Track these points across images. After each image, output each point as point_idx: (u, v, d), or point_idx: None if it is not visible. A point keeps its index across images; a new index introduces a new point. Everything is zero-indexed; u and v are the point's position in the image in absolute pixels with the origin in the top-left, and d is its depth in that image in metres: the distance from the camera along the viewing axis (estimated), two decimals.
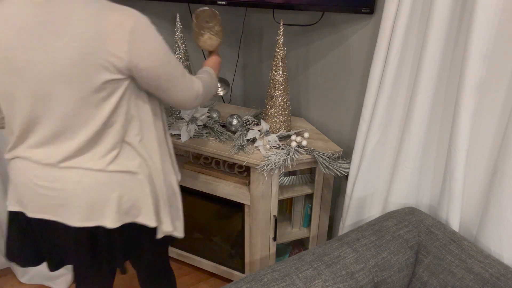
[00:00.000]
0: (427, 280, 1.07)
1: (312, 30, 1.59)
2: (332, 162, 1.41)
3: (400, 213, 1.19)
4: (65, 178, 0.93)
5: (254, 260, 1.62)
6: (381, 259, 1.06)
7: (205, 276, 1.87)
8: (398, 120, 1.23)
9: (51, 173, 0.93)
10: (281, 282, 0.94)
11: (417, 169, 1.22)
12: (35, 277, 1.80)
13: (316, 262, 1.01)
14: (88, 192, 0.93)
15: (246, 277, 0.97)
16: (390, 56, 1.13)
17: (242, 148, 1.45)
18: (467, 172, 1.09)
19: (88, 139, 0.91)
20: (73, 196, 0.93)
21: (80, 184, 0.93)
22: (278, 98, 1.50)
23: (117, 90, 0.89)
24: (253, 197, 1.48)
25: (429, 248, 1.09)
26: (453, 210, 1.12)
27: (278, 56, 1.44)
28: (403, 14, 1.07)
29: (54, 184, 0.93)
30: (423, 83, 1.09)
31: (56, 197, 0.94)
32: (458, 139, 1.05)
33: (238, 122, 1.56)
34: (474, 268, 1.00)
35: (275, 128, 1.55)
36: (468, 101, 1.00)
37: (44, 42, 0.82)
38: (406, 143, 1.18)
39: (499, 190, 1.00)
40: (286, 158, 1.39)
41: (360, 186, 1.34)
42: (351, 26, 1.46)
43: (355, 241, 1.09)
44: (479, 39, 0.94)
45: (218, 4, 1.53)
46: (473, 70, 0.97)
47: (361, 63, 1.46)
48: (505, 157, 0.98)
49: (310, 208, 1.62)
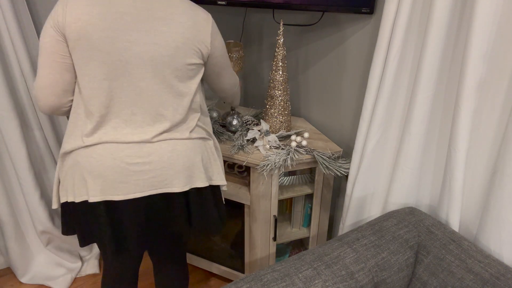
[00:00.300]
0: (427, 280, 1.07)
1: (312, 30, 1.59)
2: (332, 162, 1.41)
3: (400, 213, 1.19)
4: (161, 150, 1.02)
5: (254, 260, 1.62)
6: (381, 259, 1.06)
7: (205, 276, 1.87)
8: (398, 120, 1.23)
9: (144, 149, 1.01)
10: (281, 282, 0.94)
11: (417, 169, 1.22)
12: (35, 277, 1.80)
13: (316, 262, 1.01)
14: (182, 158, 1.04)
15: (246, 277, 0.97)
16: (390, 56, 1.13)
17: (242, 148, 1.45)
18: (467, 172, 1.09)
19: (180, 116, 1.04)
20: (170, 165, 1.03)
21: (174, 152, 1.04)
22: (278, 98, 1.50)
23: (198, 73, 1.06)
24: (253, 197, 1.48)
25: (429, 248, 1.09)
26: (453, 210, 1.12)
27: (278, 56, 1.44)
28: (403, 14, 1.07)
29: (150, 158, 1.01)
30: (423, 83, 1.09)
31: (152, 170, 1.01)
32: (458, 139, 1.05)
33: (238, 122, 1.56)
34: (474, 268, 1.00)
35: (275, 128, 1.55)
36: (468, 101, 1.00)
37: (151, 26, 0.95)
38: (406, 143, 1.18)
39: (499, 190, 1.00)
40: (286, 158, 1.39)
41: (360, 186, 1.34)
42: (351, 26, 1.46)
43: (355, 241, 1.09)
44: (479, 39, 0.94)
45: (218, 4, 1.53)
46: (473, 70, 0.97)
47: (361, 63, 1.46)
48: (505, 157, 0.98)
49: (310, 208, 1.62)
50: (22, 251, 1.78)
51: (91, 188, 0.99)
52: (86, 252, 1.92)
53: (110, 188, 0.99)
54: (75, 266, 1.86)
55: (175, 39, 0.97)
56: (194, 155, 1.07)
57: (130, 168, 0.99)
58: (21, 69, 1.53)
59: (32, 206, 1.70)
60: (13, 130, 1.55)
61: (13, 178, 1.67)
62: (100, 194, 0.99)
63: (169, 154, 1.03)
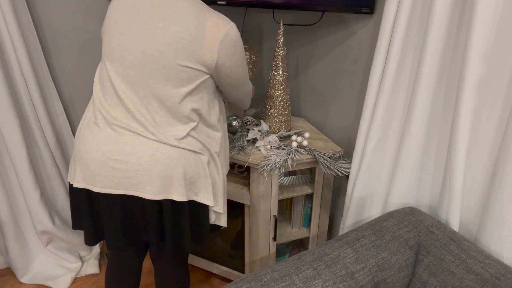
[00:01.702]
0: (427, 280, 1.07)
1: (312, 30, 1.59)
2: (333, 162, 1.41)
3: (400, 213, 1.19)
4: (141, 152, 1.01)
5: (254, 260, 1.62)
6: (381, 259, 1.06)
7: (205, 276, 1.87)
8: (398, 120, 1.23)
9: (126, 147, 1.01)
10: (281, 282, 0.94)
11: (417, 169, 1.22)
12: (35, 277, 1.80)
13: (316, 262, 1.01)
14: (160, 165, 1.01)
15: (246, 277, 0.97)
16: (390, 56, 1.12)
17: (243, 149, 1.45)
18: (467, 172, 1.09)
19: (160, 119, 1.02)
20: (145, 170, 1.01)
21: (153, 157, 1.01)
22: (278, 98, 1.50)
23: (195, 80, 1.02)
24: (253, 197, 1.48)
25: (429, 248, 1.09)
26: (453, 210, 1.12)
27: (278, 56, 1.44)
28: (403, 14, 1.07)
29: (128, 158, 1.01)
30: (423, 83, 1.09)
31: (127, 170, 1.01)
32: (458, 139, 1.05)
33: (238, 123, 1.56)
34: (474, 268, 1.00)
35: (275, 128, 1.55)
36: (468, 101, 1.00)
37: (148, 19, 0.97)
38: (406, 143, 1.18)
39: (499, 190, 1.00)
40: (287, 158, 1.39)
41: (360, 186, 1.34)
42: (351, 26, 1.46)
43: (355, 241, 1.09)
44: (479, 39, 0.94)
45: (218, 4, 1.53)
46: (473, 70, 0.97)
47: (361, 63, 1.46)
48: (505, 157, 0.98)
49: (310, 208, 1.62)
50: (22, 251, 1.78)
51: (77, 173, 1.05)
52: (86, 252, 1.92)
53: (90, 178, 1.03)
54: (75, 266, 1.86)
55: (167, 36, 0.96)
56: (175, 165, 1.02)
57: (109, 164, 1.01)
58: (21, 69, 1.53)
59: (32, 206, 1.70)
60: (13, 130, 1.55)
61: (13, 178, 1.67)
62: (83, 181, 1.05)
63: (148, 158, 1.01)
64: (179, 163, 1.03)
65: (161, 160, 1.01)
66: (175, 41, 0.96)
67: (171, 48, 0.97)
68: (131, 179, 1.01)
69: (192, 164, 1.05)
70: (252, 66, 1.54)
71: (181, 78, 1.00)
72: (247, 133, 1.51)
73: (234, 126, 1.56)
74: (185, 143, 1.04)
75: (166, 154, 1.01)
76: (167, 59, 0.97)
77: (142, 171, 1.00)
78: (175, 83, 1.00)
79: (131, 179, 1.01)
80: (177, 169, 1.02)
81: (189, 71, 1.00)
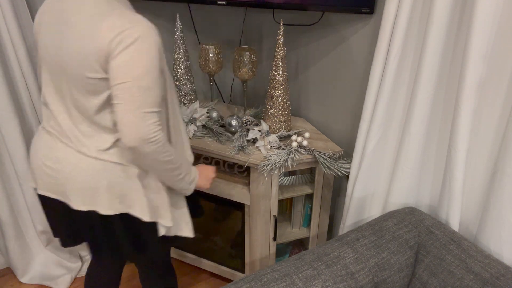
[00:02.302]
0: (427, 280, 1.07)
1: (312, 30, 1.59)
2: (333, 162, 1.41)
3: (400, 213, 1.19)
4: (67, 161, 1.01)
5: (254, 260, 1.62)
6: (381, 259, 1.06)
7: (205, 276, 1.87)
8: (398, 120, 1.23)
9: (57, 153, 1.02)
10: (281, 282, 0.94)
11: (417, 169, 1.22)
12: (35, 277, 1.80)
13: (316, 262, 1.01)
14: (83, 176, 1.00)
15: (246, 277, 0.97)
16: (390, 56, 1.12)
17: (242, 149, 1.45)
18: (467, 172, 1.09)
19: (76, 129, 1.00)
20: (69, 180, 1.01)
21: (77, 168, 1.00)
22: (278, 98, 1.50)
23: (103, 91, 0.93)
24: (253, 197, 1.48)
25: (429, 248, 1.09)
26: (453, 210, 1.12)
27: (278, 56, 1.44)
28: (403, 14, 1.07)
29: (56, 165, 1.02)
30: (423, 83, 1.09)
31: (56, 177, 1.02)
32: (458, 139, 1.05)
33: (238, 123, 1.56)
34: (474, 268, 1.00)
35: (275, 128, 1.55)
36: (468, 101, 1.00)
37: (58, 29, 0.93)
38: (406, 143, 1.18)
39: (499, 190, 1.00)
40: (287, 158, 1.39)
41: (360, 186, 1.34)
42: (351, 26, 1.46)
43: (355, 241, 1.09)
44: (479, 39, 0.94)
45: (218, 4, 1.53)
46: (473, 70, 0.97)
47: (361, 63, 1.46)
48: (505, 157, 0.98)
49: (310, 208, 1.62)
50: (22, 251, 1.78)
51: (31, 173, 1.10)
52: (86, 252, 1.92)
53: (35, 180, 1.08)
54: (75, 266, 1.86)
55: (69, 46, 0.90)
56: (99, 178, 0.99)
57: (43, 168, 1.04)
58: (21, 69, 1.53)
59: (32, 206, 1.70)
60: (13, 130, 1.55)
61: (13, 178, 1.67)
62: (33, 181, 1.10)
63: (71, 168, 1.00)
64: (103, 176, 0.99)
65: (85, 171, 0.99)
66: (77, 52, 0.89)
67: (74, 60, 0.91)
68: (58, 186, 1.03)
69: (119, 176, 1.00)
70: (252, 66, 1.54)
71: (89, 90, 0.93)
72: (247, 133, 1.51)
73: (234, 126, 1.56)
74: (110, 155, 0.99)
75: (90, 166, 0.99)
76: (74, 71, 0.92)
77: (65, 180, 1.01)
78: (87, 95, 0.94)
79: (58, 186, 1.03)
80: (101, 181, 0.99)
81: (96, 82, 0.91)
